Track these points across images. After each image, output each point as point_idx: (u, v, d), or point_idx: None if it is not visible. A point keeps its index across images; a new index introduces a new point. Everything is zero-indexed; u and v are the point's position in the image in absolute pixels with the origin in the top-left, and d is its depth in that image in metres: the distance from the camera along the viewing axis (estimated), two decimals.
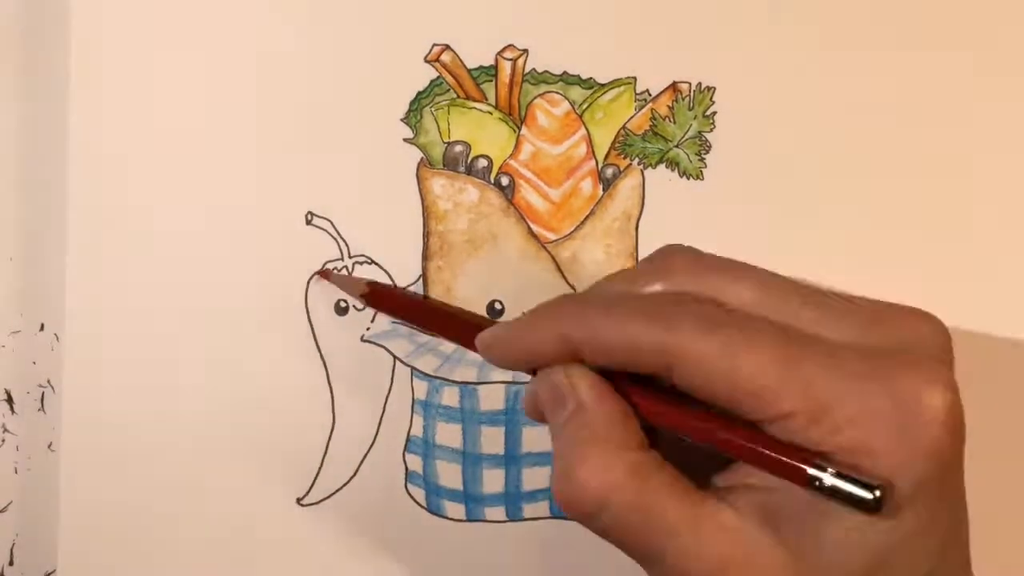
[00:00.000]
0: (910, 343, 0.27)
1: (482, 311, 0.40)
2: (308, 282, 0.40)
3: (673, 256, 0.30)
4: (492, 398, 0.40)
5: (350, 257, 0.40)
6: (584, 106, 0.40)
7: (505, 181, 0.40)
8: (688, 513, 0.27)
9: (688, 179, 0.41)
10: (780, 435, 0.27)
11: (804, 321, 0.27)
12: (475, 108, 0.40)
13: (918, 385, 0.26)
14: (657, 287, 0.29)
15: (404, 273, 0.40)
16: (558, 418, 0.29)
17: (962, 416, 0.26)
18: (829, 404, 0.26)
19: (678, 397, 0.28)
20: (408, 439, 0.40)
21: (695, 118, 0.41)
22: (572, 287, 0.40)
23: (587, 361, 0.29)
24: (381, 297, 0.38)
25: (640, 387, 0.29)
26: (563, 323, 0.29)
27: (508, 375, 0.40)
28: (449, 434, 0.40)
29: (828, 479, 0.25)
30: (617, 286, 0.30)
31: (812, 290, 0.28)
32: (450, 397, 0.40)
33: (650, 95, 0.41)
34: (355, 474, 0.40)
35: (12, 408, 0.40)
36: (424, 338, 0.40)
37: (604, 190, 0.41)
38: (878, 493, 0.25)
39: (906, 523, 0.26)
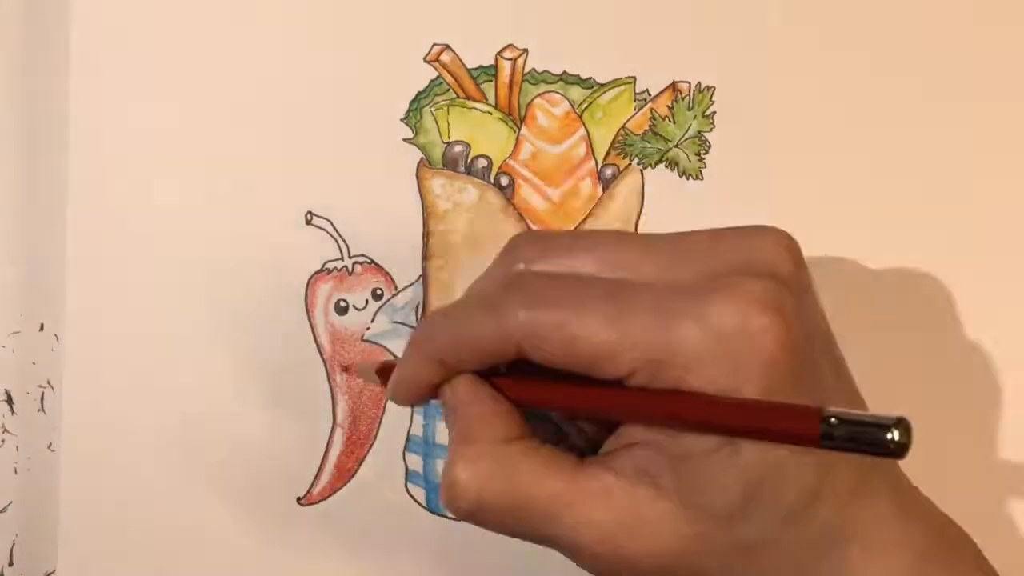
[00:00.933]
0: (743, 268, 0.27)
1: None
2: (308, 282, 0.40)
3: (517, 243, 0.29)
4: None
5: (350, 257, 0.40)
6: (584, 106, 0.40)
7: (505, 181, 0.40)
8: (565, 488, 0.28)
9: (687, 179, 0.41)
10: (637, 386, 0.27)
11: (643, 274, 0.27)
12: (475, 108, 0.40)
13: (733, 308, 0.25)
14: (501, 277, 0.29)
15: (404, 273, 0.40)
16: (447, 426, 0.30)
17: (797, 322, 0.26)
18: (661, 355, 0.26)
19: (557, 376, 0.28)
20: (408, 438, 0.40)
21: (694, 118, 0.41)
22: None
23: (455, 368, 0.29)
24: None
25: (515, 377, 0.29)
26: (424, 346, 0.30)
27: None
28: None
29: (838, 432, 0.24)
30: (472, 287, 0.30)
31: (652, 241, 0.28)
32: None
33: (649, 95, 0.41)
34: (355, 474, 0.40)
35: (12, 408, 0.40)
36: None
37: (603, 190, 0.41)
38: (895, 432, 0.23)
39: (771, 449, 0.26)
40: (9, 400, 0.40)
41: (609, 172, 0.41)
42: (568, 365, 0.27)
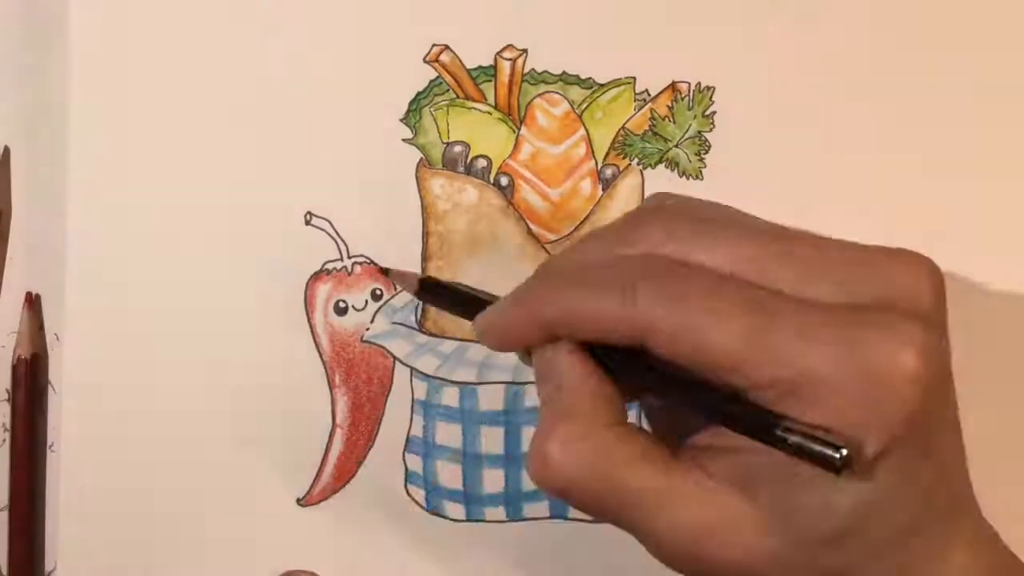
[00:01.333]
0: (889, 297, 0.26)
1: None
2: (307, 282, 0.40)
3: (643, 219, 0.29)
4: (492, 398, 0.40)
5: (349, 257, 0.40)
6: (583, 106, 0.40)
7: (504, 181, 0.40)
8: (659, 483, 0.27)
9: (687, 179, 0.41)
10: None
11: (780, 282, 0.27)
12: (474, 108, 0.40)
13: (886, 349, 0.25)
14: (630, 251, 0.29)
15: None
16: (542, 395, 0.29)
17: (940, 369, 0.26)
18: (798, 376, 0.25)
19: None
20: (408, 439, 0.40)
21: (694, 118, 0.41)
22: None
23: (567, 338, 0.29)
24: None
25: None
26: (538, 306, 0.29)
27: (508, 376, 0.40)
28: (449, 434, 0.40)
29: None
30: (592, 249, 0.30)
31: (792, 244, 0.27)
32: (450, 397, 0.40)
33: (649, 95, 0.40)
34: (355, 474, 0.40)
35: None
36: (424, 338, 0.40)
37: (603, 190, 0.40)
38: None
39: (878, 485, 0.26)
40: (9, 399, 0.40)
41: (609, 172, 0.41)
42: (691, 365, 0.27)
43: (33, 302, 0.39)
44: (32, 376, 0.39)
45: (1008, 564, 0.29)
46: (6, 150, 0.39)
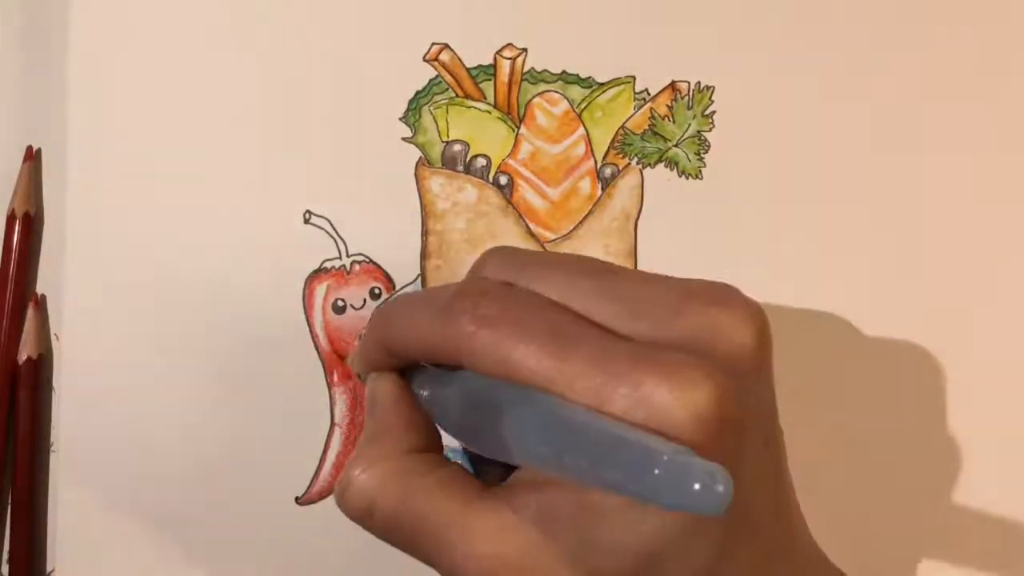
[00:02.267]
0: (702, 337, 0.26)
1: None
2: (306, 281, 0.40)
3: (488, 255, 0.29)
4: None
5: (348, 256, 0.40)
6: (583, 105, 0.40)
7: (504, 180, 0.40)
8: (458, 512, 0.27)
9: (687, 178, 0.41)
10: None
11: (602, 317, 0.26)
12: (474, 107, 0.40)
13: (671, 389, 0.24)
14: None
15: (402, 272, 0.40)
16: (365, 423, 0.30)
17: (737, 411, 0.25)
18: (592, 405, 0.25)
19: None
20: None
21: (694, 117, 0.41)
22: None
23: (398, 358, 0.30)
24: None
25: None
26: (377, 330, 0.30)
27: None
28: (447, 433, 0.40)
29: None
30: (436, 287, 0.31)
31: (619, 281, 0.27)
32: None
33: (649, 94, 0.40)
34: None
35: None
36: None
37: (603, 189, 0.40)
38: None
39: (669, 525, 0.25)
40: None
41: (608, 171, 0.41)
42: (504, 382, 0.26)
43: (39, 303, 0.39)
44: (37, 376, 0.39)
45: None
46: (38, 151, 0.39)
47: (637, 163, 0.41)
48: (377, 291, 0.40)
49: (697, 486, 0.21)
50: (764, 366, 0.27)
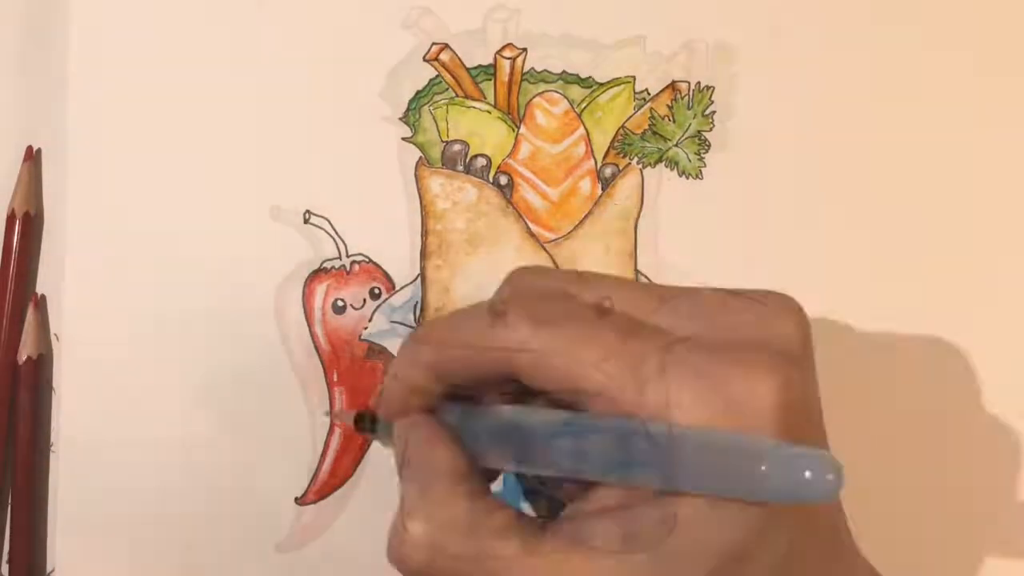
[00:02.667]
0: (758, 337, 0.26)
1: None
2: (306, 281, 0.40)
3: (519, 272, 0.29)
4: None
5: (347, 256, 0.40)
6: (583, 105, 0.40)
7: (504, 180, 0.40)
8: (522, 556, 0.26)
9: (687, 178, 0.41)
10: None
11: (655, 320, 0.26)
12: (474, 107, 0.40)
13: (748, 383, 0.24)
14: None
15: (402, 272, 0.40)
16: (399, 473, 0.29)
17: (803, 401, 0.25)
18: (664, 404, 0.25)
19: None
20: None
21: (694, 117, 0.41)
22: None
23: (444, 381, 0.28)
24: None
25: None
26: (415, 349, 0.29)
27: None
28: None
29: None
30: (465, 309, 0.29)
31: (667, 291, 0.27)
32: None
33: (649, 94, 0.40)
34: (353, 473, 0.40)
35: None
36: None
37: (603, 189, 0.40)
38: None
39: (753, 520, 0.25)
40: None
41: (608, 171, 0.41)
42: (557, 391, 0.26)
43: (39, 303, 0.39)
44: (37, 376, 0.39)
45: None
46: (38, 152, 0.39)
47: (637, 163, 0.41)
48: (377, 291, 0.40)
49: (808, 474, 0.22)
50: (811, 352, 0.27)
